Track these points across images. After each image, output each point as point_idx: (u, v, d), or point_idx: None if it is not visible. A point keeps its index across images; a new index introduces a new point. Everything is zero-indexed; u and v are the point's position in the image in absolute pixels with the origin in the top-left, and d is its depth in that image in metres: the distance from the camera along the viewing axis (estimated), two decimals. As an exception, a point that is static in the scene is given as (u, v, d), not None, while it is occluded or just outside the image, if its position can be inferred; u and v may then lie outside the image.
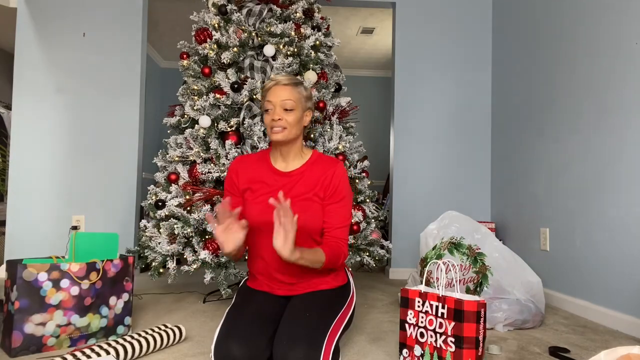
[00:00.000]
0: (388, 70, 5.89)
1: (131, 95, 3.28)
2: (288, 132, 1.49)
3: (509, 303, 1.94)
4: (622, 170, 2.06)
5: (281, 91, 1.48)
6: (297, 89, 1.51)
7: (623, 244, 2.03)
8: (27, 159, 3.16)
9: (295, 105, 1.49)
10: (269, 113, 1.49)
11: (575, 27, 2.43)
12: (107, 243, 1.80)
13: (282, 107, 1.48)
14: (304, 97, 1.53)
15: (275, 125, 1.47)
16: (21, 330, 1.50)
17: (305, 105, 1.54)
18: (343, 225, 1.51)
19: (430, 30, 3.51)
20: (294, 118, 1.49)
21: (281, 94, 1.48)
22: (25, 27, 3.20)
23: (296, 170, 1.53)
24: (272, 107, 1.48)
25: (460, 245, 2.05)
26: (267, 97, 1.50)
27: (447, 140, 3.48)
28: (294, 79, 1.52)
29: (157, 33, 4.83)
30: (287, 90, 1.49)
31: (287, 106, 1.47)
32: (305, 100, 1.54)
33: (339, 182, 1.51)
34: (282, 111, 1.48)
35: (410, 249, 3.40)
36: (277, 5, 2.46)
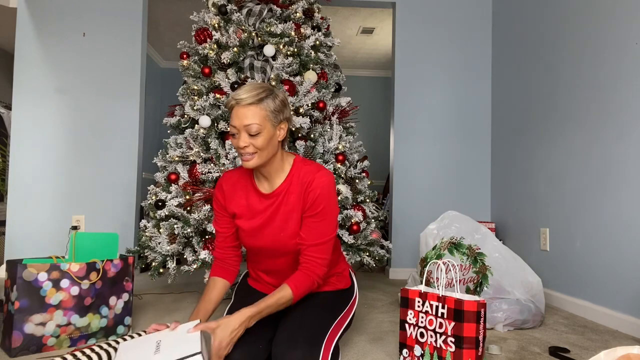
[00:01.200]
0: (388, 70, 5.89)
1: (131, 95, 3.28)
2: (259, 157, 1.31)
3: (509, 303, 1.94)
4: (622, 170, 2.06)
5: (244, 112, 1.27)
6: (261, 105, 1.29)
7: (623, 244, 2.03)
8: (27, 159, 3.16)
9: (262, 127, 1.28)
10: (234, 138, 1.31)
11: (577, 26, 2.43)
12: (107, 243, 1.80)
13: (248, 132, 1.28)
14: (271, 113, 1.31)
15: (244, 153, 1.30)
16: (21, 330, 1.50)
17: (277, 119, 1.32)
18: (319, 242, 1.35)
19: (431, 30, 3.51)
20: (262, 141, 1.29)
21: (244, 116, 1.27)
22: (25, 27, 3.20)
23: (278, 189, 1.39)
24: (237, 131, 1.29)
25: (460, 245, 2.05)
26: (231, 121, 1.31)
27: (447, 140, 3.48)
28: (257, 94, 1.29)
29: (157, 33, 4.83)
30: (250, 111, 1.27)
31: (252, 131, 1.27)
32: (275, 114, 1.32)
33: (316, 194, 1.35)
34: (247, 137, 1.28)
35: (410, 249, 3.40)
36: (277, 5, 2.46)
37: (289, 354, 1.20)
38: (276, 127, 1.33)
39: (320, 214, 1.35)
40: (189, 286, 2.89)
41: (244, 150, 1.29)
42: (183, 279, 3.15)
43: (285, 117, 1.36)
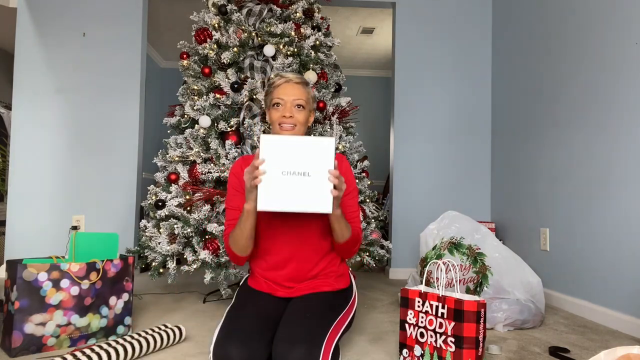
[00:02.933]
0: (388, 70, 5.89)
1: (131, 95, 3.28)
2: (297, 131, 1.48)
3: (509, 303, 1.94)
4: (622, 170, 2.06)
5: (293, 89, 1.48)
6: (306, 88, 1.53)
7: (623, 244, 2.03)
8: (27, 159, 3.16)
9: (306, 104, 1.50)
10: (278, 109, 1.48)
11: (577, 25, 2.43)
12: (107, 243, 1.79)
13: (294, 104, 1.47)
14: (311, 98, 1.55)
15: (286, 122, 1.47)
16: (21, 330, 1.50)
17: (312, 105, 1.57)
18: (356, 215, 1.53)
19: (430, 30, 3.51)
20: (304, 117, 1.50)
21: (294, 91, 1.48)
22: (25, 27, 3.20)
23: None
24: (284, 103, 1.48)
25: (460, 245, 2.05)
26: (277, 94, 1.49)
27: (447, 140, 3.48)
28: (304, 78, 1.54)
29: (157, 33, 4.83)
30: (299, 88, 1.49)
31: (299, 104, 1.48)
32: (312, 101, 1.57)
33: (346, 171, 1.51)
34: (293, 108, 1.47)
35: (410, 249, 3.40)
36: (277, 5, 2.46)
37: (289, 354, 1.20)
38: (310, 112, 1.55)
39: (354, 191, 1.53)
40: (189, 286, 2.89)
41: (288, 120, 1.46)
42: (183, 279, 3.15)
43: (314, 108, 1.60)
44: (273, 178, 1.20)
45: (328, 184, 1.20)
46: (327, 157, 1.20)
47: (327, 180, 1.20)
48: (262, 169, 1.21)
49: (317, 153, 1.20)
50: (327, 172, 1.20)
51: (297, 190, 1.20)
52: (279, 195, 1.20)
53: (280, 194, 1.20)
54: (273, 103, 1.50)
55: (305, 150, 1.21)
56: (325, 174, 1.20)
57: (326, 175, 1.20)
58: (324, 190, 1.20)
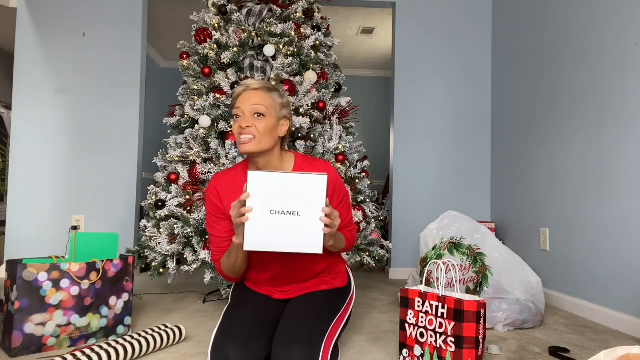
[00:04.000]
0: (388, 70, 5.89)
1: (131, 95, 3.28)
2: (258, 143, 1.32)
3: (509, 303, 1.94)
4: (622, 170, 2.06)
5: (251, 96, 1.33)
6: (270, 94, 1.36)
7: (623, 244, 2.03)
8: (27, 159, 3.16)
9: (267, 111, 1.33)
10: (237, 121, 1.34)
11: (576, 25, 2.43)
12: (107, 243, 1.79)
13: (252, 113, 1.32)
14: (278, 104, 1.37)
15: (243, 133, 1.31)
16: (21, 330, 1.50)
17: (281, 113, 1.37)
18: (350, 219, 1.48)
19: (430, 30, 3.51)
20: (264, 126, 1.32)
21: (251, 98, 1.33)
22: (25, 27, 3.20)
23: None
24: (241, 113, 1.33)
25: (460, 245, 2.05)
26: (236, 104, 1.35)
27: (447, 140, 3.48)
28: (267, 83, 1.37)
29: (157, 33, 4.83)
30: (258, 95, 1.34)
31: (258, 111, 1.32)
32: (281, 107, 1.37)
33: (334, 184, 1.40)
34: (251, 117, 1.32)
35: (410, 249, 3.40)
36: (277, 5, 2.46)
37: (289, 355, 1.20)
38: (279, 120, 1.38)
39: (344, 198, 1.46)
40: (189, 286, 2.89)
41: (245, 130, 1.31)
42: (183, 279, 3.15)
43: (287, 116, 1.41)
44: (260, 217, 1.14)
45: (319, 223, 1.14)
46: (318, 195, 1.13)
47: (318, 220, 1.14)
48: (250, 206, 1.13)
49: (308, 191, 1.13)
50: (319, 211, 1.14)
51: (286, 230, 1.14)
52: (266, 236, 1.14)
53: (268, 234, 1.14)
54: (232, 115, 1.37)
55: (295, 188, 1.13)
56: (317, 213, 1.14)
57: (318, 214, 1.14)
58: (315, 230, 1.14)
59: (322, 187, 1.13)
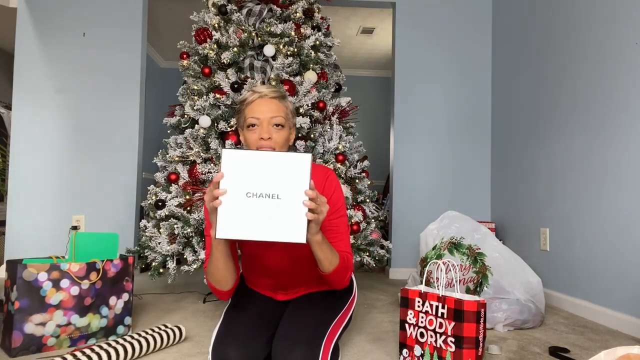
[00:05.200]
0: (388, 70, 5.89)
1: (131, 95, 3.28)
2: None
3: (509, 303, 1.94)
4: (622, 170, 2.06)
5: (270, 105, 1.30)
6: (284, 103, 1.34)
7: (623, 244, 2.03)
8: (27, 159, 3.16)
9: (285, 122, 1.32)
10: (254, 130, 1.30)
11: (577, 25, 2.43)
12: (107, 243, 1.80)
13: (271, 123, 1.29)
14: (290, 113, 1.36)
15: (264, 146, 1.28)
16: (21, 330, 1.50)
17: (292, 121, 1.38)
18: (345, 237, 1.36)
19: (430, 30, 3.51)
20: (283, 137, 1.31)
21: (270, 108, 1.29)
22: (25, 27, 3.20)
23: None
24: (259, 123, 1.29)
25: (460, 245, 2.05)
26: (251, 112, 1.30)
27: (447, 140, 3.48)
28: (280, 91, 1.35)
29: (157, 33, 4.82)
30: (275, 104, 1.31)
31: (277, 122, 1.30)
32: (292, 116, 1.37)
33: (333, 190, 1.36)
34: (270, 128, 1.29)
35: (410, 249, 3.40)
36: (277, 5, 2.46)
37: (289, 355, 1.20)
38: (290, 129, 1.37)
39: (340, 210, 1.36)
40: (189, 286, 2.89)
41: (266, 142, 1.28)
42: (183, 279, 3.15)
43: (294, 124, 1.40)
44: (236, 200, 1.02)
45: (302, 208, 1.02)
46: (301, 177, 1.02)
47: (301, 204, 1.02)
48: (223, 188, 1.02)
49: (290, 171, 1.02)
50: (302, 194, 1.02)
51: (264, 215, 1.02)
52: (241, 221, 1.02)
53: (243, 220, 1.02)
54: (248, 124, 1.31)
55: (275, 168, 1.02)
56: (299, 197, 1.02)
57: (300, 198, 1.02)
58: (297, 215, 1.02)
59: (305, 168, 1.02)
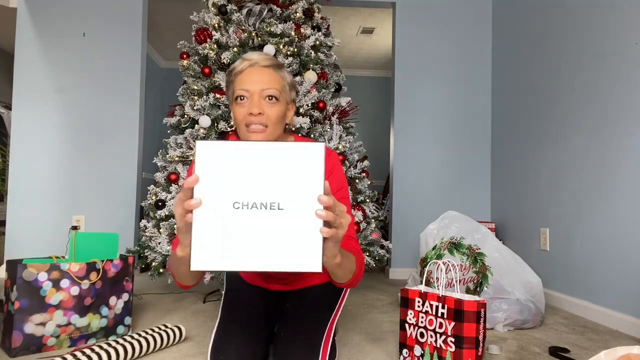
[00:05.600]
0: (388, 70, 5.89)
1: (131, 95, 3.28)
2: (270, 132, 1.13)
3: (509, 303, 1.94)
4: (622, 170, 2.06)
5: (261, 75, 1.12)
6: (279, 72, 1.15)
7: (623, 244, 2.03)
8: (27, 159, 3.16)
9: (280, 95, 1.13)
10: (242, 104, 1.12)
11: (576, 26, 2.43)
12: (107, 243, 1.79)
13: (262, 96, 1.11)
14: (287, 85, 1.17)
15: (255, 122, 1.10)
16: (21, 330, 1.50)
17: (290, 95, 1.19)
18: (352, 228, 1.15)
19: (430, 30, 3.51)
20: (277, 113, 1.12)
21: (262, 78, 1.11)
22: (25, 27, 3.20)
23: None
24: (249, 95, 1.11)
25: (460, 245, 2.05)
26: (241, 83, 1.12)
27: (447, 140, 3.48)
28: (275, 60, 1.17)
29: (157, 33, 4.82)
30: (268, 73, 1.12)
31: (270, 94, 1.12)
32: (290, 88, 1.18)
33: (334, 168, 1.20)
34: (261, 102, 1.11)
35: (410, 249, 3.40)
36: (277, 5, 2.46)
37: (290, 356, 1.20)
38: (287, 104, 1.18)
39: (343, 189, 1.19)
40: (189, 286, 2.89)
41: (256, 118, 1.09)
42: (183, 279, 3.15)
43: (294, 99, 1.22)
44: (218, 214, 0.70)
45: (315, 222, 0.70)
46: (313, 176, 0.69)
47: (312, 216, 0.70)
48: (199, 196, 0.70)
49: (296, 170, 0.70)
50: (314, 202, 0.70)
51: (261, 234, 0.70)
52: (226, 246, 0.70)
53: (230, 243, 0.70)
54: (236, 96, 1.14)
55: (275, 166, 0.70)
56: (310, 206, 0.69)
57: (311, 207, 0.70)
58: (308, 233, 0.70)
59: (318, 163, 0.70)
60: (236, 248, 0.70)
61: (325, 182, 0.71)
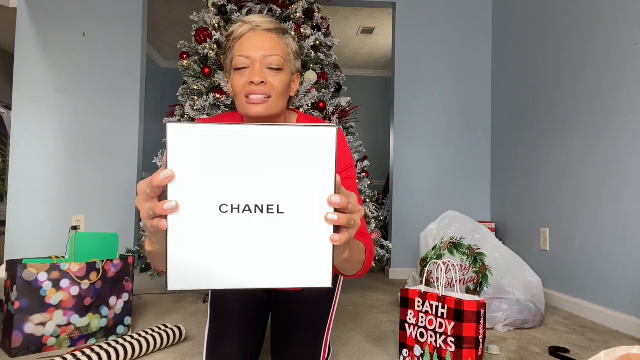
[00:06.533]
0: (388, 70, 5.89)
1: (131, 95, 3.28)
2: (273, 104, 1.00)
3: (509, 303, 1.94)
4: (622, 170, 2.06)
5: (264, 40, 0.99)
6: (284, 39, 1.03)
7: (623, 244, 2.03)
8: (27, 159, 3.16)
9: (284, 64, 1.01)
10: (242, 73, 0.99)
11: (577, 25, 2.43)
12: (107, 243, 1.79)
13: (265, 64, 0.99)
14: (292, 53, 1.05)
15: (256, 92, 0.98)
16: (21, 330, 1.50)
17: (294, 65, 1.06)
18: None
19: (431, 30, 3.51)
20: (281, 83, 1.01)
21: (264, 44, 0.99)
22: (25, 27, 3.20)
23: None
24: (250, 63, 0.99)
25: (460, 245, 2.05)
26: (240, 50, 0.99)
27: (447, 140, 3.48)
28: (278, 23, 1.04)
29: (157, 33, 4.82)
30: (271, 39, 1.00)
31: (274, 64, 0.99)
32: (295, 57, 1.06)
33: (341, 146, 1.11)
34: (264, 70, 0.99)
35: (410, 249, 3.40)
36: (277, 5, 2.46)
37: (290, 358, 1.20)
38: (292, 75, 1.06)
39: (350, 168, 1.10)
40: (189, 286, 2.89)
41: (258, 88, 0.98)
42: (183, 279, 3.15)
43: (299, 70, 1.10)
44: (200, 219, 0.55)
45: (324, 228, 0.56)
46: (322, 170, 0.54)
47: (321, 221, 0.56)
48: (174, 197, 0.55)
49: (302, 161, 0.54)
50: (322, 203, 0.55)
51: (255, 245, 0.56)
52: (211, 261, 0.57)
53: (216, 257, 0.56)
54: (235, 64, 1.01)
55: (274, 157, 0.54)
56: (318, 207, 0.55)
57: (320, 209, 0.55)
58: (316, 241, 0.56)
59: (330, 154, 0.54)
60: (224, 262, 0.56)
61: (337, 176, 0.56)
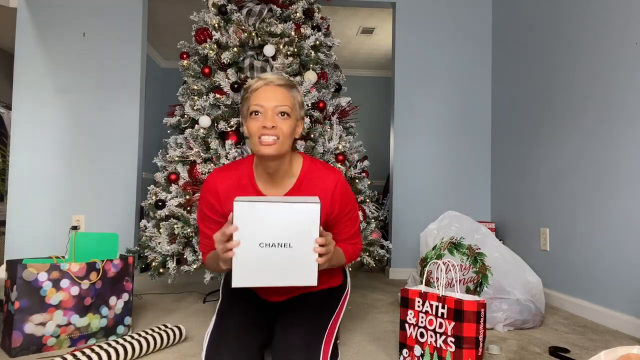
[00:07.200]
0: (388, 70, 5.89)
1: (131, 95, 3.28)
2: (281, 145, 1.24)
3: (509, 303, 1.94)
4: (622, 170, 2.06)
5: (275, 93, 1.24)
6: (292, 92, 1.28)
7: (623, 244, 2.03)
8: (27, 159, 3.16)
9: (291, 112, 1.26)
10: (257, 118, 1.23)
11: (575, 26, 2.43)
12: (107, 243, 1.79)
13: (276, 112, 1.23)
14: (298, 104, 1.30)
15: (267, 134, 1.22)
16: (21, 330, 1.50)
17: (299, 113, 1.32)
18: (356, 232, 1.45)
19: (431, 30, 3.51)
20: (289, 127, 1.25)
21: (275, 96, 1.24)
22: (25, 27, 3.20)
23: (287, 193, 1.34)
24: (263, 111, 1.23)
25: (460, 245, 2.05)
26: (256, 100, 1.24)
27: (447, 140, 3.48)
28: (288, 80, 1.30)
29: (157, 33, 4.82)
30: (282, 92, 1.25)
31: (283, 111, 1.24)
32: (300, 107, 1.31)
33: (342, 196, 1.35)
34: (275, 117, 1.23)
35: (410, 249, 3.40)
36: (277, 5, 2.46)
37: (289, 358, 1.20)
38: (297, 121, 1.31)
39: (353, 209, 1.41)
40: (189, 286, 2.89)
41: (270, 131, 1.22)
42: (183, 279, 3.15)
43: (303, 116, 1.36)
44: (249, 250, 1.07)
45: (312, 254, 1.09)
46: (311, 225, 1.07)
47: (311, 251, 1.08)
48: (237, 239, 1.06)
49: (300, 221, 1.07)
50: (312, 241, 1.08)
51: (277, 263, 1.08)
52: (256, 270, 1.08)
53: (258, 269, 1.08)
54: (251, 111, 1.25)
55: (286, 219, 1.07)
56: (310, 243, 1.08)
57: (311, 245, 1.08)
58: (308, 261, 1.09)
59: (315, 217, 1.07)
60: (261, 272, 1.09)
61: (320, 228, 1.09)
